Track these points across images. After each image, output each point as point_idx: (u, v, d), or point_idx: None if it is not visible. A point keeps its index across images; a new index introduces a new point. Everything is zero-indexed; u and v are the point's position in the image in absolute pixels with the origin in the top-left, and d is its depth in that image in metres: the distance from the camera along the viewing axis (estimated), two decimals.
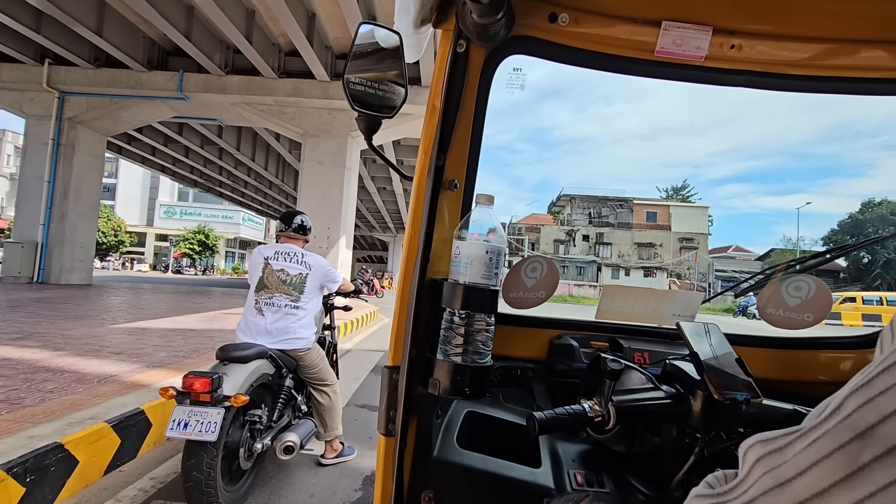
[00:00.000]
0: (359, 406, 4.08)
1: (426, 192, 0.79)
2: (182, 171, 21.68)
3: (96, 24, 9.70)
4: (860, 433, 0.25)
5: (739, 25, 0.86)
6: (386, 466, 0.82)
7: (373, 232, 43.53)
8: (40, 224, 11.84)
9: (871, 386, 0.25)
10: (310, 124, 11.53)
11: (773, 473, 0.28)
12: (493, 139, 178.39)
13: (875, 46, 0.87)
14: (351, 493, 2.48)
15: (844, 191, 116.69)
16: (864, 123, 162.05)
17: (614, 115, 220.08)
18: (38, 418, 2.52)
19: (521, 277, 0.96)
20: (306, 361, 2.65)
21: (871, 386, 0.25)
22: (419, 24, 0.84)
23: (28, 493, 1.97)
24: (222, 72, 11.14)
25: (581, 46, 0.89)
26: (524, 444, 0.97)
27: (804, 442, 0.28)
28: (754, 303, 1.13)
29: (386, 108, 0.85)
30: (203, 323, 7.19)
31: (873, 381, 0.25)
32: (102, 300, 9.58)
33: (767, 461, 0.29)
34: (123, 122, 12.94)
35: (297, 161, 15.68)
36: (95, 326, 5.93)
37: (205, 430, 1.92)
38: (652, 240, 41.17)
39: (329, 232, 11.10)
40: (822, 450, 0.26)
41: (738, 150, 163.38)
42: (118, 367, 3.81)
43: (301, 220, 2.75)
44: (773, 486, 0.28)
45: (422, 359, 0.80)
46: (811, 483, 0.26)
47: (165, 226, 44.32)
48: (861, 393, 0.26)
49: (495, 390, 1.13)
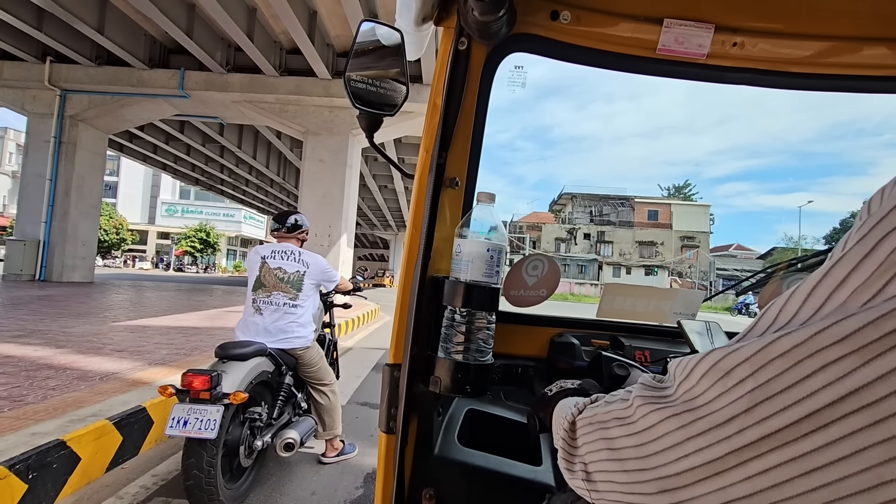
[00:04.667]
0: (360, 404, 4.09)
1: (427, 190, 0.79)
2: (183, 169, 21.69)
3: (98, 22, 9.70)
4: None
5: (741, 23, 0.86)
6: (387, 464, 0.82)
7: (374, 230, 43.55)
8: (42, 222, 11.86)
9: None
10: (311, 122, 11.52)
11: (754, 377, 0.29)
12: (494, 137, 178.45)
13: (877, 44, 0.86)
14: (352, 491, 2.48)
15: (846, 189, 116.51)
16: (866, 121, 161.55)
17: (616, 113, 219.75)
18: (41, 415, 2.53)
19: (522, 276, 0.96)
20: (305, 360, 2.65)
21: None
22: (420, 22, 0.84)
23: (30, 490, 1.98)
24: (223, 70, 11.13)
25: (583, 44, 0.88)
26: (525, 441, 0.97)
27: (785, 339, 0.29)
28: (752, 301, 1.13)
29: (387, 106, 0.85)
30: (204, 321, 7.21)
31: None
32: (104, 298, 9.61)
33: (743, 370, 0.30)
34: (125, 120, 12.95)
35: (299, 159, 15.70)
36: (97, 324, 5.95)
37: (204, 428, 1.93)
38: (653, 238, 41.11)
39: (330, 230, 11.10)
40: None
41: (740, 148, 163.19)
42: (120, 365, 3.82)
43: (295, 219, 2.75)
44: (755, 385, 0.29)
45: (423, 357, 0.80)
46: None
47: (167, 224, 44.36)
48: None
49: (496, 388, 1.13)
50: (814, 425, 0.26)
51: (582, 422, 0.45)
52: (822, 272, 0.30)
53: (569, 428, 0.47)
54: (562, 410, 0.53)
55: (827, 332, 0.27)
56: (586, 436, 0.43)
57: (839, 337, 0.26)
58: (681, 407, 0.33)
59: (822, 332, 0.27)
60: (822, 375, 0.26)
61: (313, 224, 2.75)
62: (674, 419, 0.33)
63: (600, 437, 0.40)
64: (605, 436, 0.40)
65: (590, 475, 0.42)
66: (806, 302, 0.30)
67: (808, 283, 0.30)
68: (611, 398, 0.43)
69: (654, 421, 0.34)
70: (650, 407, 0.35)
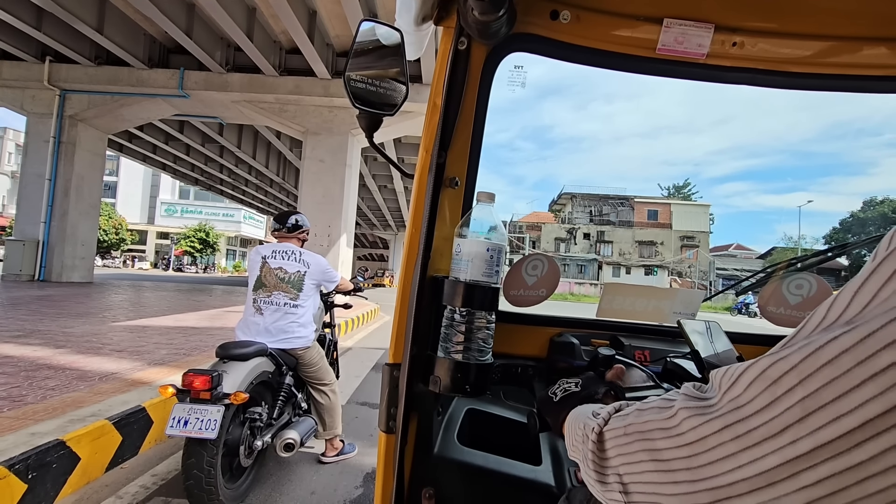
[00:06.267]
0: (360, 404, 4.09)
1: (427, 189, 0.79)
2: (183, 169, 21.68)
3: (97, 22, 9.69)
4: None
5: (741, 23, 0.86)
6: (387, 464, 0.82)
7: (374, 230, 43.53)
8: (41, 222, 11.85)
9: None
10: (311, 122, 11.52)
11: (802, 385, 0.29)
12: (494, 137, 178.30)
13: (877, 44, 0.86)
14: (352, 491, 2.48)
15: (846, 189, 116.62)
16: (865, 121, 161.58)
17: (615, 113, 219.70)
18: (40, 415, 2.53)
19: (521, 275, 0.96)
20: (306, 360, 2.65)
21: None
22: (420, 22, 0.84)
23: (30, 490, 1.98)
24: (223, 69, 11.13)
25: (582, 44, 0.88)
26: (525, 441, 0.97)
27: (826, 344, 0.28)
28: (752, 301, 1.13)
29: (387, 106, 0.85)
30: (204, 321, 7.20)
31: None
32: (103, 298, 9.60)
33: (791, 379, 0.30)
34: (124, 119, 12.94)
35: (298, 159, 15.69)
36: (97, 324, 5.94)
37: (205, 428, 1.93)
38: (653, 238, 41.13)
39: (330, 230, 11.10)
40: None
41: (740, 147, 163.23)
42: (119, 365, 3.82)
43: (296, 219, 2.75)
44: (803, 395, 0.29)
45: (422, 356, 0.80)
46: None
47: (166, 224, 44.34)
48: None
49: (496, 388, 1.13)
50: (867, 434, 0.26)
51: (613, 433, 0.44)
52: (871, 268, 0.29)
53: (597, 440, 0.46)
54: (578, 420, 0.52)
55: (876, 336, 0.26)
56: (622, 447, 0.42)
57: (888, 341, 0.25)
58: (730, 417, 0.32)
59: (870, 337, 0.26)
60: (872, 385, 0.26)
61: (313, 224, 2.75)
62: (726, 430, 0.32)
63: (642, 449, 0.40)
64: (649, 447, 0.39)
65: (627, 486, 0.41)
66: (854, 298, 0.29)
67: (857, 279, 0.30)
68: (643, 406, 0.43)
69: (706, 433, 0.34)
70: (699, 419, 0.35)
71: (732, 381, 0.34)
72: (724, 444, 0.32)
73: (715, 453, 0.33)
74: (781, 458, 0.29)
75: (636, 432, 0.41)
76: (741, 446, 0.31)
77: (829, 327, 0.30)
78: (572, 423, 0.54)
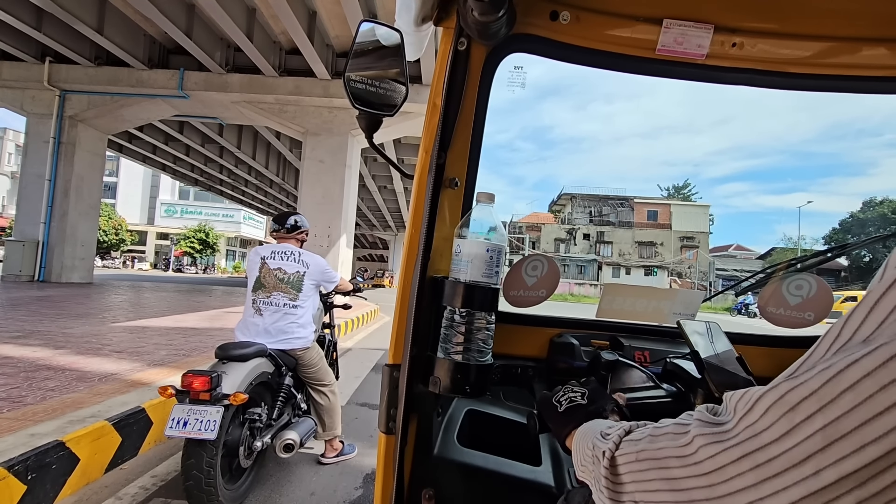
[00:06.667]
0: (359, 404, 4.09)
1: (427, 190, 0.79)
2: (183, 170, 21.68)
3: (97, 23, 9.70)
4: None
5: (741, 23, 0.86)
6: (386, 464, 0.82)
7: (373, 230, 43.54)
8: (41, 222, 11.85)
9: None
10: (310, 123, 11.52)
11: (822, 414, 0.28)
12: (493, 137, 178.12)
13: (877, 44, 0.87)
14: (351, 492, 2.48)
15: (846, 189, 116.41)
16: (865, 122, 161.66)
17: (615, 114, 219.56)
18: (40, 416, 2.53)
19: (521, 276, 0.96)
20: (305, 360, 2.65)
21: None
22: (420, 22, 0.84)
23: (29, 491, 1.97)
24: (223, 70, 11.13)
25: (582, 45, 0.88)
26: (525, 442, 0.97)
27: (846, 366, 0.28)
28: (752, 301, 1.13)
29: (387, 107, 0.85)
30: (204, 321, 7.20)
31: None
32: (103, 298, 9.60)
33: (806, 405, 0.29)
34: (124, 120, 12.95)
35: (298, 159, 15.70)
36: (96, 325, 5.94)
37: (204, 429, 1.92)
38: (653, 238, 41.14)
39: (330, 230, 11.10)
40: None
41: (739, 148, 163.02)
42: (119, 366, 3.82)
43: (295, 220, 2.75)
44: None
45: (422, 357, 0.80)
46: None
47: (166, 224, 44.34)
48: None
49: (496, 389, 1.13)
50: (891, 461, 0.25)
51: (625, 458, 0.44)
52: (886, 285, 0.29)
53: (609, 465, 0.45)
54: (587, 439, 0.51)
55: None
56: (636, 473, 0.42)
57: None
58: (748, 445, 0.32)
59: (892, 360, 0.26)
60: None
61: (313, 224, 2.75)
62: (745, 460, 0.31)
63: (658, 478, 0.39)
64: (665, 476, 0.38)
65: None
66: (869, 315, 0.29)
67: (871, 295, 0.29)
68: (656, 431, 0.42)
69: (724, 462, 0.33)
70: (716, 447, 0.34)
71: (749, 406, 0.33)
72: (744, 475, 0.31)
73: (735, 483, 0.32)
74: (806, 490, 0.28)
75: (650, 459, 0.40)
76: (762, 476, 0.30)
77: (845, 346, 0.29)
78: (581, 442, 0.54)
